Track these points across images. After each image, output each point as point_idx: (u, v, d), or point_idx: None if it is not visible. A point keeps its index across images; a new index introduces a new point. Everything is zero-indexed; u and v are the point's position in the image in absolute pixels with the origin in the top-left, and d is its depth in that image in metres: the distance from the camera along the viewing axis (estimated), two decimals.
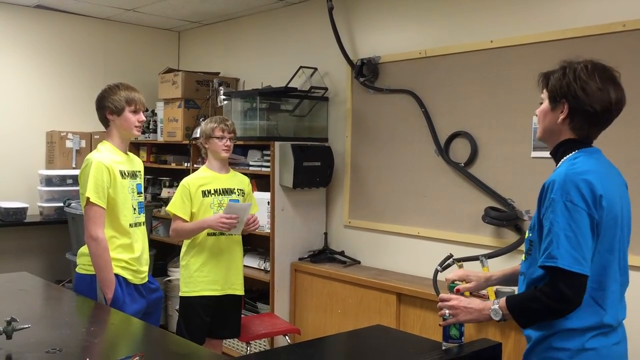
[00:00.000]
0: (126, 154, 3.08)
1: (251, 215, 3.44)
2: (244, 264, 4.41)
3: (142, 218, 3.10)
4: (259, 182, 4.63)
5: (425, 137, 3.99)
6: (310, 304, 4.31)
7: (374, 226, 4.33)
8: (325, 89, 4.59)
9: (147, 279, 3.10)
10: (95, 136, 5.41)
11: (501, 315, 1.87)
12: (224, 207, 3.39)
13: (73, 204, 4.71)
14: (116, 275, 2.91)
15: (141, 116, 3.05)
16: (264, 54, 5.21)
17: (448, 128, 3.88)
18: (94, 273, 2.90)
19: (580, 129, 1.89)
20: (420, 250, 4.04)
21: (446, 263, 3.42)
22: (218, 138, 3.45)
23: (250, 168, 4.54)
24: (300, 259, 4.46)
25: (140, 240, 3.06)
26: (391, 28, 4.25)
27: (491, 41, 3.66)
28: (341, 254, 4.47)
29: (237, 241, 3.53)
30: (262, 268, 4.54)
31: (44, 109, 5.44)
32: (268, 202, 4.35)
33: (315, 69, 4.64)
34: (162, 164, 5.43)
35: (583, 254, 1.74)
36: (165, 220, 5.24)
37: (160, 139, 5.40)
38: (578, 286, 1.74)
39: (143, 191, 3.18)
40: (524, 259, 1.98)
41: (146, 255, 3.11)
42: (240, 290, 3.56)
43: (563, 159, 1.91)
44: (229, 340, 4.48)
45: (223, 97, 4.81)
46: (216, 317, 3.49)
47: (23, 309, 2.63)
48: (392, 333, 2.61)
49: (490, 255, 3.42)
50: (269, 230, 4.37)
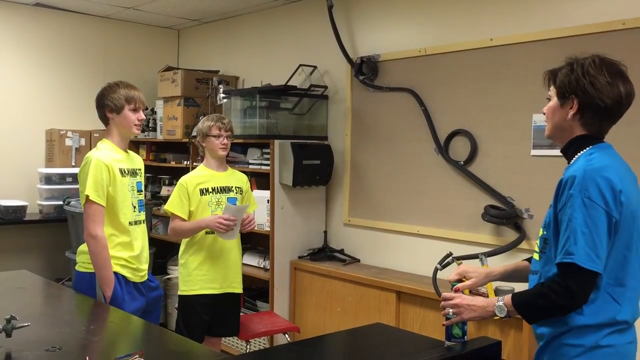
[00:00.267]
0: (126, 152, 3.08)
1: (247, 216, 3.43)
2: (243, 262, 4.42)
3: (142, 216, 3.10)
4: (258, 181, 4.63)
5: (425, 136, 3.99)
6: (310, 302, 4.31)
7: (374, 224, 4.33)
8: (325, 87, 4.58)
9: (147, 277, 3.10)
10: (95, 134, 5.41)
11: (506, 312, 1.87)
12: (222, 205, 3.40)
13: (72, 202, 4.71)
14: (115, 274, 2.91)
15: (141, 114, 3.05)
16: (264, 52, 5.21)
17: (448, 126, 3.88)
18: (93, 271, 2.90)
19: (592, 125, 1.87)
20: (419, 248, 4.04)
21: (446, 261, 3.42)
22: (215, 136, 3.44)
23: (250, 166, 4.54)
24: (299, 257, 4.46)
25: (140, 239, 3.06)
26: (391, 26, 4.25)
27: (491, 39, 3.66)
28: (341, 252, 4.47)
29: (236, 239, 3.53)
30: (262, 266, 4.54)
31: (43, 107, 5.44)
32: (268, 201, 4.35)
33: (315, 67, 4.63)
34: (162, 162, 5.43)
35: (597, 252, 1.73)
36: (165, 219, 5.24)
37: (159, 137, 5.40)
38: (586, 283, 1.73)
39: (143, 189, 3.18)
40: (538, 257, 1.95)
41: (146, 254, 3.11)
42: (239, 289, 3.56)
43: (577, 156, 1.89)
44: (228, 338, 4.48)
45: (222, 96, 4.80)
46: (215, 316, 3.49)
47: (23, 307, 2.64)
48: (392, 331, 2.61)
49: (489, 254, 3.42)
50: (268, 229, 4.37)
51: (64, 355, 2.06)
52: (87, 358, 1.92)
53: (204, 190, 3.43)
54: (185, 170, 4.70)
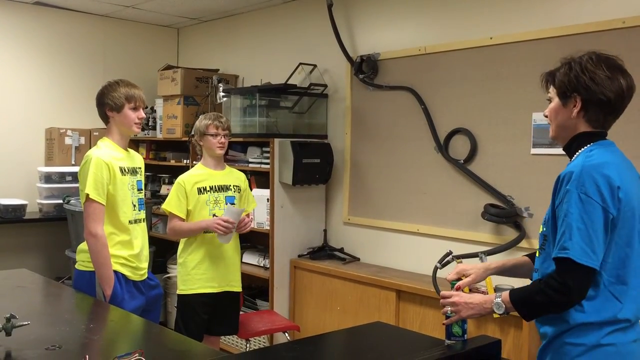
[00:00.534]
0: (126, 150, 3.08)
1: (243, 217, 3.43)
2: (243, 261, 4.43)
3: (142, 215, 3.09)
4: (258, 179, 4.63)
5: (425, 134, 3.99)
6: (310, 301, 4.31)
7: (374, 223, 4.33)
8: (325, 86, 4.58)
9: (147, 276, 3.10)
10: (95, 133, 5.41)
11: (504, 308, 1.86)
12: (220, 204, 3.40)
13: (72, 201, 4.71)
14: (115, 272, 2.91)
15: (141, 113, 3.05)
16: (264, 50, 5.20)
17: (447, 125, 3.88)
18: (93, 269, 2.90)
19: (596, 120, 1.87)
20: (419, 247, 4.04)
21: (445, 260, 3.42)
22: (212, 135, 3.44)
23: (250, 165, 4.54)
24: (299, 256, 4.46)
25: (140, 237, 3.06)
26: (390, 25, 4.25)
27: (490, 38, 3.66)
28: (341, 250, 4.47)
29: (235, 238, 3.53)
30: (262, 265, 4.54)
31: (43, 105, 5.44)
32: (267, 199, 4.35)
33: (315, 66, 4.63)
34: (162, 161, 5.43)
35: (593, 248, 1.72)
36: (165, 217, 5.23)
37: (159, 135, 5.40)
38: (583, 279, 1.73)
39: (144, 188, 3.17)
40: (538, 254, 1.96)
41: (146, 252, 3.11)
42: (238, 287, 3.55)
43: (578, 152, 1.89)
44: (228, 337, 4.48)
45: (222, 94, 4.80)
46: (214, 315, 3.49)
47: (22, 306, 2.64)
48: (392, 330, 2.61)
49: (489, 252, 3.42)
50: (268, 227, 4.37)
51: (64, 354, 2.06)
52: (87, 357, 1.92)
53: (202, 189, 3.43)
54: (185, 168, 4.69)
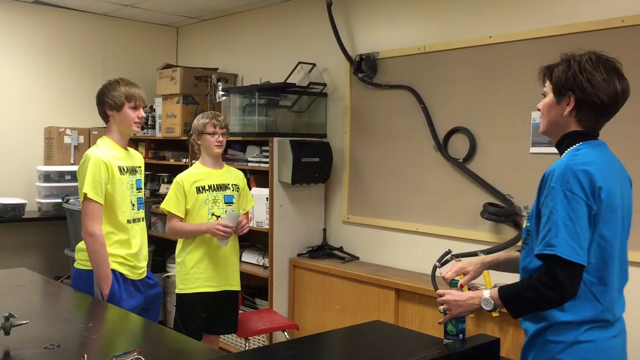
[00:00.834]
0: (126, 149, 3.08)
1: (241, 219, 3.43)
2: (242, 260, 4.43)
3: (142, 214, 3.09)
4: (257, 178, 4.63)
5: (424, 133, 3.99)
6: (309, 300, 4.31)
7: (373, 222, 4.33)
8: (324, 85, 4.58)
9: (146, 275, 3.10)
10: (94, 132, 5.40)
11: (493, 304, 1.87)
12: (219, 203, 3.40)
13: (71, 200, 4.71)
14: (113, 271, 2.90)
15: (141, 112, 3.05)
16: (263, 49, 5.20)
17: (447, 124, 3.88)
18: (91, 268, 2.90)
19: (588, 121, 1.88)
20: (418, 246, 4.04)
21: (445, 259, 3.41)
22: (210, 134, 3.43)
23: (249, 164, 4.54)
24: (298, 255, 4.46)
25: (139, 236, 3.06)
26: (390, 24, 4.24)
27: (490, 37, 3.66)
28: (340, 249, 4.47)
29: (233, 237, 3.52)
30: (261, 264, 4.54)
31: (42, 105, 5.43)
32: (267, 198, 4.35)
33: (314, 65, 4.63)
34: (161, 160, 5.42)
35: (580, 244, 1.73)
36: (164, 217, 5.23)
37: (158, 134, 5.40)
38: (575, 276, 1.74)
39: (143, 187, 3.17)
40: (521, 249, 1.97)
41: (145, 251, 3.11)
42: (236, 286, 3.55)
43: (567, 151, 1.90)
44: (227, 336, 4.48)
45: (221, 93, 4.80)
46: (213, 314, 3.49)
47: (21, 305, 2.64)
48: (391, 329, 2.62)
49: (488, 251, 3.42)
50: (267, 226, 4.37)
51: (63, 352, 2.06)
52: (85, 356, 1.92)
53: (201, 188, 3.42)
54: (184, 167, 4.69)
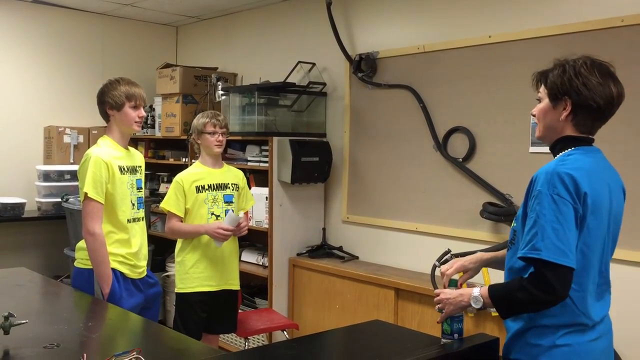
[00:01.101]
0: (126, 149, 3.08)
1: (241, 221, 3.42)
2: (242, 259, 4.43)
3: (142, 213, 3.09)
4: (257, 178, 4.63)
5: (424, 133, 3.99)
6: (309, 299, 4.31)
7: (372, 221, 4.33)
8: (324, 84, 4.58)
9: (146, 274, 3.10)
10: (93, 131, 5.40)
11: (482, 303, 1.88)
12: (218, 203, 3.40)
13: (71, 200, 4.71)
14: (113, 270, 2.91)
15: (141, 112, 3.05)
16: (262, 49, 5.20)
17: (446, 123, 3.88)
18: (92, 267, 2.90)
19: (584, 125, 1.88)
20: (418, 245, 4.05)
21: (444, 258, 3.41)
22: (210, 134, 3.43)
23: (249, 163, 4.54)
24: (298, 255, 4.46)
25: (139, 236, 3.06)
26: (389, 23, 4.24)
27: (489, 36, 3.66)
28: (339, 249, 4.47)
29: (233, 237, 3.52)
30: (260, 263, 4.54)
31: (41, 104, 5.43)
32: (266, 198, 4.35)
33: (314, 64, 4.63)
34: (160, 160, 5.43)
35: (570, 247, 1.73)
36: (164, 216, 5.23)
37: (158, 134, 5.40)
38: (564, 278, 1.73)
39: (143, 186, 3.17)
40: (508, 248, 1.98)
41: (145, 251, 3.11)
42: (236, 286, 3.55)
43: (559, 155, 1.90)
44: (227, 335, 4.48)
45: (221, 93, 4.80)
46: (212, 313, 3.49)
47: (21, 304, 2.64)
48: (390, 328, 2.62)
49: (488, 251, 3.41)
50: (267, 226, 4.37)
51: (62, 352, 2.06)
52: (85, 355, 1.92)
53: (200, 188, 3.42)
54: (184, 167, 4.69)
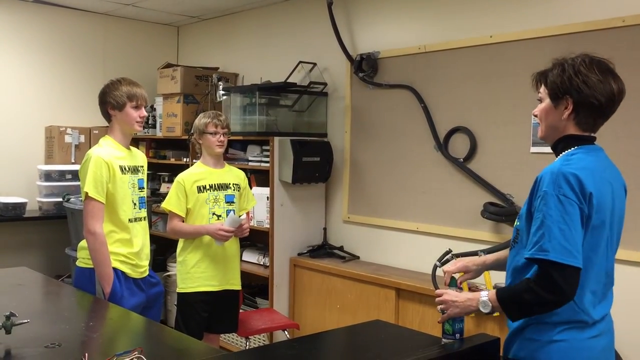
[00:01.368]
0: (128, 149, 3.09)
1: (243, 223, 3.43)
2: (243, 259, 4.43)
3: (143, 213, 3.10)
4: (258, 178, 4.63)
5: (425, 133, 3.99)
6: (309, 299, 4.31)
7: (373, 221, 4.33)
8: (325, 84, 4.58)
9: (148, 274, 3.11)
10: (95, 131, 5.41)
11: (490, 307, 1.87)
12: (220, 203, 3.41)
13: (72, 199, 4.71)
14: (115, 269, 2.91)
15: (143, 112, 3.05)
16: (263, 49, 5.20)
17: (447, 123, 3.88)
18: (93, 267, 2.90)
19: (586, 123, 1.88)
20: (419, 245, 4.05)
21: (445, 258, 3.42)
22: (211, 134, 3.43)
23: (250, 163, 4.54)
24: (299, 254, 4.46)
25: (140, 235, 3.06)
26: (390, 23, 4.25)
27: (490, 36, 3.66)
28: (340, 249, 4.47)
29: (234, 237, 3.52)
30: (261, 263, 4.55)
31: (42, 104, 5.44)
32: (267, 198, 4.36)
33: (315, 64, 4.63)
34: (161, 159, 5.43)
35: (576, 247, 1.74)
36: (165, 216, 5.23)
37: (159, 134, 5.40)
38: (571, 278, 1.74)
39: (145, 186, 3.18)
40: (510, 247, 1.98)
41: (147, 250, 3.12)
42: (237, 286, 3.55)
43: (562, 154, 1.90)
44: (228, 335, 4.48)
45: (222, 92, 4.80)
46: (213, 313, 3.49)
47: (22, 304, 2.64)
48: (391, 328, 2.62)
49: (489, 251, 3.41)
50: (268, 226, 4.37)
51: (63, 351, 2.06)
52: (86, 355, 1.92)
53: (202, 188, 3.42)
54: (185, 167, 4.69)
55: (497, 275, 2.54)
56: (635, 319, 3.03)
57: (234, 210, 3.47)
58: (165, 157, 5.40)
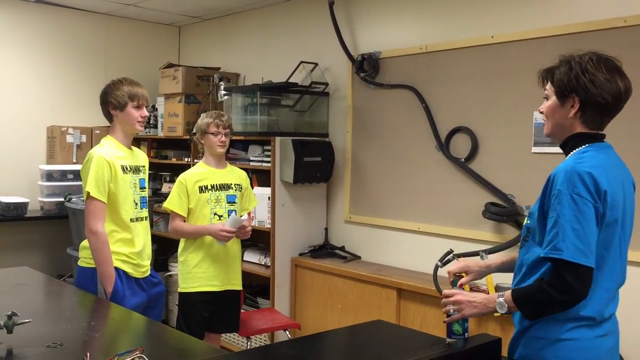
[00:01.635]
0: (130, 148, 3.09)
1: (245, 223, 3.43)
2: (244, 259, 4.43)
3: (145, 213, 3.10)
4: (259, 178, 4.63)
5: (426, 133, 3.99)
6: (311, 299, 4.31)
7: (375, 221, 4.33)
8: (326, 84, 4.58)
9: (149, 273, 3.11)
10: (96, 131, 5.41)
11: (507, 308, 1.87)
12: (221, 203, 3.41)
13: (74, 199, 4.71)
14: (116, 269, 2.92)
15: (144, 111, 3.06)
16: (265, 49, 5.20)
17: (448, 123, 3.88)
18: (95, 266, 2.91)
19: (593, 122, 1.88)
20: (420, 245, 4.05)
21: (446, 258, 3.43)
22: (213, 134, 3.44)
23: (251, 163, 4.54)
24: (300, 254, 4.46)
25: (142, 235, 3.07)
26: (392, 23, 4.25)
27: (492, 36, 3.66)
28: (341, 249, 4.47)
29: (235, 238, 3.52)
30: (263, 263, 4.55)
31: (44, 104, 5.44)
32: (268, 198, 4.36)
33: (316, 64, 4.63)
34: (163, 159, 5.43)
35: (589, 247, 1.74)
36: (167, 216, 5.24)
37: (160, 134, 5.40)
38: (584, 278, 1.74)
39: (147, 186, 3.18)
40: (520, 246, 1.97)
41: (148, 250, 3.12)
42: (238, 286, 3.56)
43: (572, 152, 1.90)
44: (229, 335, 4.49)
45: (223, 92, 4.80)
46: (215, 313, 3.49)
47: (24, 304, 2.64)
48: (392, 328, 2.62)
49: (490, 251, 3.42)
50: (269, 226, 4.37)
51: (65, 351, 2.06)
52: (88, 354, 1.92)
53: (203, 188, 3.43)
54: (187, 167, 4.70)
55: (497, 275, 2.54)
56: (638, 320, 3.02)
57: (235, 210, 3.48)
58: (167, 157, 5.40)
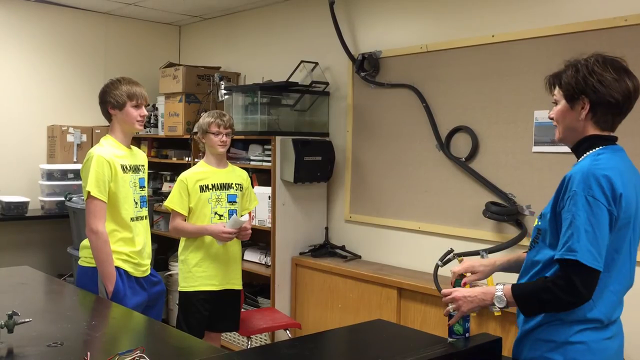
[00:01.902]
0: (129, 148, 3.09)
1: (245, 225, 3.43)
2: (244, 258, 4.43)
3: (145, 212, 3.10)
4: (260, 177, 4.63)
5: (426, 132, 3.99)
6: (311, 299, 4.32)
7: (375, 221, 4.33)
8: (327, 84, 4.58)
9: (150, 272, 3.11)
10: (97, 130, 5.42)
11: (505, 302, 1.87)
12: (222, 202, 3.41)
13: (74, 198, 4.71)
14: (117, 268, 2.92)
15: (143, 111, 3.06)
16: (265, 48, 5.20)
17: (449, 123, 3.88)
18: (96, 266, 2.91)
19: (604, 122, 1.88)
20: (421, 245, 4.04)
21: (447, 258, 3.42)
22: (214, 133, 3.44)
23: (251, 163, 4.54)
24: (301, 254, 4.46)
25: (142, 234, 3.07)
26: (392, 23, 4.24)
27: (492, 36, 3.65)
28: (342, 248, 4.47)
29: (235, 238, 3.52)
30: (263, 262, 4.55)
31: (44, 103, 5.44)
32: (269, 197, 4.36)
33: (316, 64, 4.63)
34: (163, 159, 5.43)
35: (599, 250, 1.74)
36: (167, 215, 5.24)
37: (161, 133, 5.40)
38: (591, 281, 1.74)
39: (146, 185, 3.18)
40: (530, 247, 1.97)
41: (148, 249, 3.13)
42: (238, 285, 3.56)
43: (586, 154, 1.89)
44: (229, 334, 4.49)
45: (224, 92, 4.80)
46: (215, 312, 3.49)
47: (24, 303, 2.64)
48: (393, 328, 2.62)
49: (491, 250, 3.42)
50: (269, 225, 4.37)
51: (65, 350, 2.06)
52: (88, 354, 1.92)
53: (204, 187, 3.43)
54: (187, 166, 4.70)
55: (498, 276, 2.53)
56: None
57: (236, 210, 3.48)
58: (167, 157, 5.40)
